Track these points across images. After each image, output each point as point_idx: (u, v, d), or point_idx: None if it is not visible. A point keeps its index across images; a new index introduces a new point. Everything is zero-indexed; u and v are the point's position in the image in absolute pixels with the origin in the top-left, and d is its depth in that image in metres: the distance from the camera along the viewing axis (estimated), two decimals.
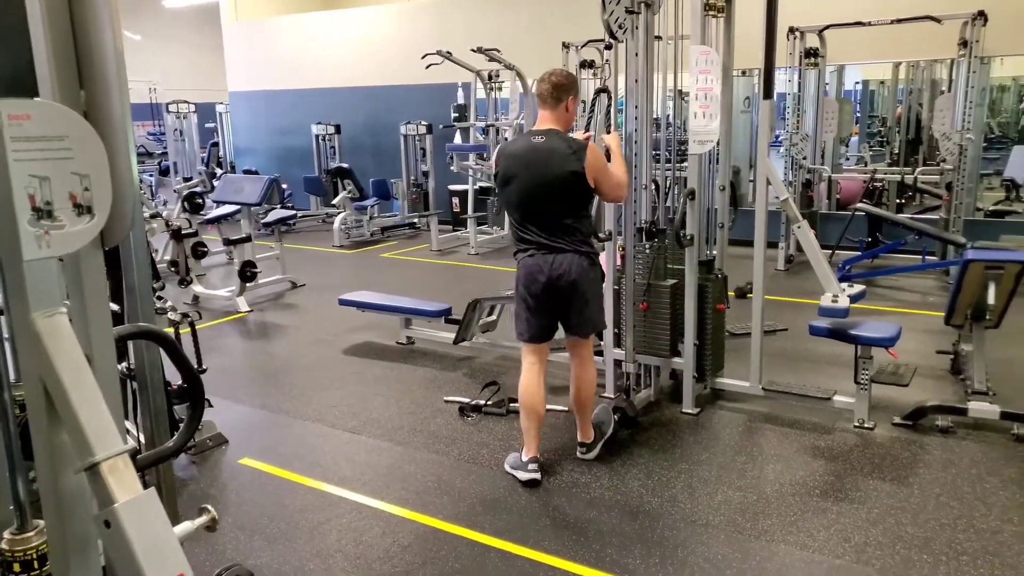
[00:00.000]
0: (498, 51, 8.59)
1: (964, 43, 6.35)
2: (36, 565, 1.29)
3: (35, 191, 1.02)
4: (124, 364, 2.24)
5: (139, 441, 2.08)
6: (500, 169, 3.15)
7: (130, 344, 2.00)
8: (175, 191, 10.44)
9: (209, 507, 1.24)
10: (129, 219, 1.34)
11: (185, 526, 1.19)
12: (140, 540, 0.98)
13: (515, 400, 3.98)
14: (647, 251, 3.78)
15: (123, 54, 1.50)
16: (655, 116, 3.86)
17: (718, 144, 3.81)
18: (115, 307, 1.92)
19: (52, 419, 1.05)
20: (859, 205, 6.52)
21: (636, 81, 3.67)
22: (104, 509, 1.00)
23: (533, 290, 3.14)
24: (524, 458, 3.23)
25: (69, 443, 1.04)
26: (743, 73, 8.12)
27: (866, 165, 9.16)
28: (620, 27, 3.55)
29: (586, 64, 8.24)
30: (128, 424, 2.14)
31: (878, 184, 8.11)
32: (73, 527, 1.09)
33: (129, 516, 0.99)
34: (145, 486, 1.73)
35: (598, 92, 3.71)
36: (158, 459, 1.46)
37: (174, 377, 2.27)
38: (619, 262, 3.95)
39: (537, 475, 3.18)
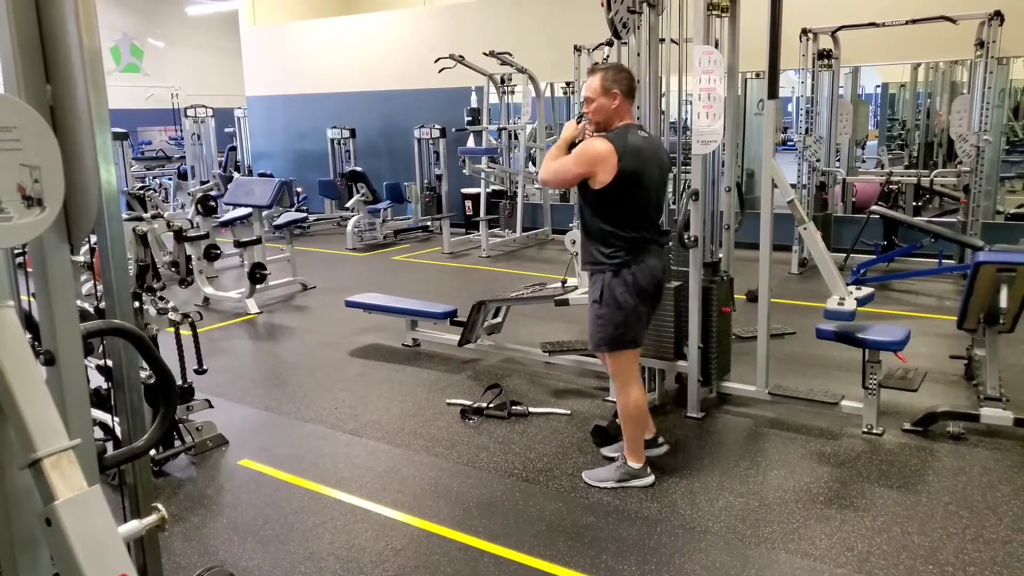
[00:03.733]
0: (510, 55, 8.59)
1: (981, 44, 6.23)
2: None
3: None
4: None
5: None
6: (626, 167, 2.88)
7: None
8: (189, 194, 10.54)
9: (159, 505, 1.22)
10: (93, 214, 1.33)
11: (132, 525, 1.17)
12: (80, 538, 0.96)
13: (517, 403, 3.96)
14: None
15: (98, 52, 1.49)
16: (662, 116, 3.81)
17: (724, 146, 3.76)
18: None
19: None
20: (874, 208, 6.40)
21: (638, 81, 3.62)
22: (46, 506, 0.99)
23: (651, 292, 3.07)
24: (638, 465, 3.14)
25: (15, 439, 1.03)
26: (757, 76, 8.04)
27: (883, 168, 9.02)
28: (624, 26, 3.51)
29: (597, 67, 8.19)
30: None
31: (894, 187, 7.98)
32: (20, 525, 1.07)
33: (70, 513, 0.97)
34: (122, 483, 1.73)
35: None
36: (127, 458, 1.44)
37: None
38: None
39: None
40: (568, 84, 9.34)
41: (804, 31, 6.89)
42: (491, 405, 3.94)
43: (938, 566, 2.55)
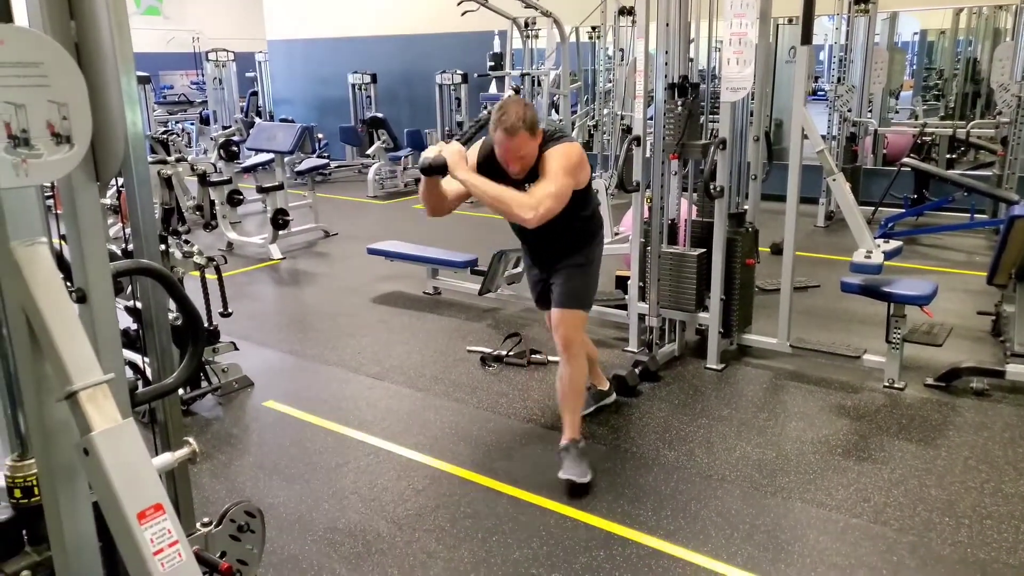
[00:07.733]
0: None
1: None
2: (36, 492, 1.33)
3: (11, 118, 1.01)
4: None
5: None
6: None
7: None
8: (212, 139, 10.54)
9: (190, 439, 1.26)
10: (120, 153, 1.33)
11: (165, 457, 1.21)
12: (116, 468, 1.00)
13: (537, 352, 3.98)
14: (679, 108, 3.63)
15: None
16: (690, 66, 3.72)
17: (753, 94, 3.67)
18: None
19: (35, 349, 1.06)
20: (905, 160, 6.24)
21: (667, 25, 3.53)
22: (83, 437, 1.02)
23: None
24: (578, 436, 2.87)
25: (51, 373, 1.05)
26: (790, 21, 7.79)
27: (917, 119, 8.76)
28: None
29: (625, 11, 7.99)
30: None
31: (928, 138, 7.77)
32: (58, 456, 1.11)
33: (106, 444, 1.00)
34: (153, 421, 1.77)
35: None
36: (157, 395, 1.48)
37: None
38: (646, 213, 3.87)
39: None
40: (594, 29, 9.11)
41: None
42: (510, 353, 3.97)
43: (954, 518, 2.56)
